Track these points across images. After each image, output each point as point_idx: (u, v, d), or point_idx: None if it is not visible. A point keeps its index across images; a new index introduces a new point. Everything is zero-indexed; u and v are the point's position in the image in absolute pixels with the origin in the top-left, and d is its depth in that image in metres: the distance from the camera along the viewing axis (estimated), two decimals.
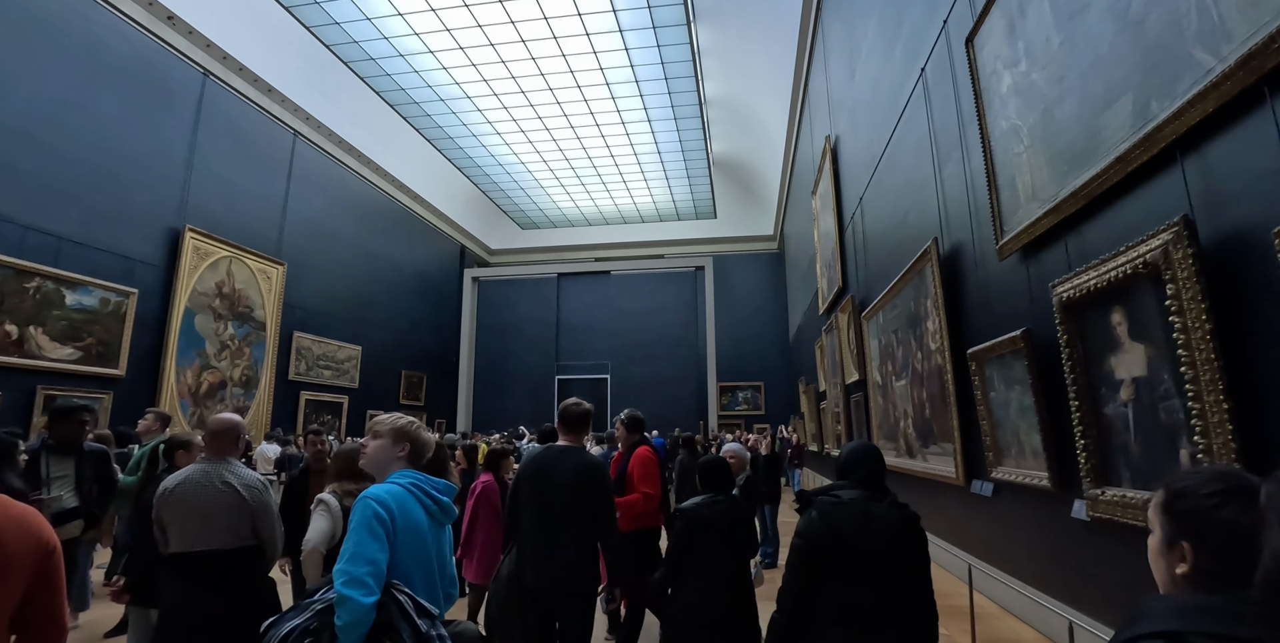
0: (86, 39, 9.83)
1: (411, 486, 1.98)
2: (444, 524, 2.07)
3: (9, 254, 8.61)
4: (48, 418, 3.91)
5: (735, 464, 4.65)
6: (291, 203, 14.24)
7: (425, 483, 2.01)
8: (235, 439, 2.71)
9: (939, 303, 4.86)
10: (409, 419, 2.13)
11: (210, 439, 2.71)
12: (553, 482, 2.87)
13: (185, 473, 2.62)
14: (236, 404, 12.63)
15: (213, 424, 2.73)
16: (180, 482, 2.59)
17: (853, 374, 8.86)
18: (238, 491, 2.57)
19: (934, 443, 5.33)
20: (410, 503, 1.94)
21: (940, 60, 4.91)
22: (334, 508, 2.59)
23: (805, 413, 15.04)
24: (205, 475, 2.59)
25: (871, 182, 7.36)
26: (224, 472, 2.60)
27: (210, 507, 2.54)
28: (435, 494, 2.02)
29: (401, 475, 2.00)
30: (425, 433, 2.13)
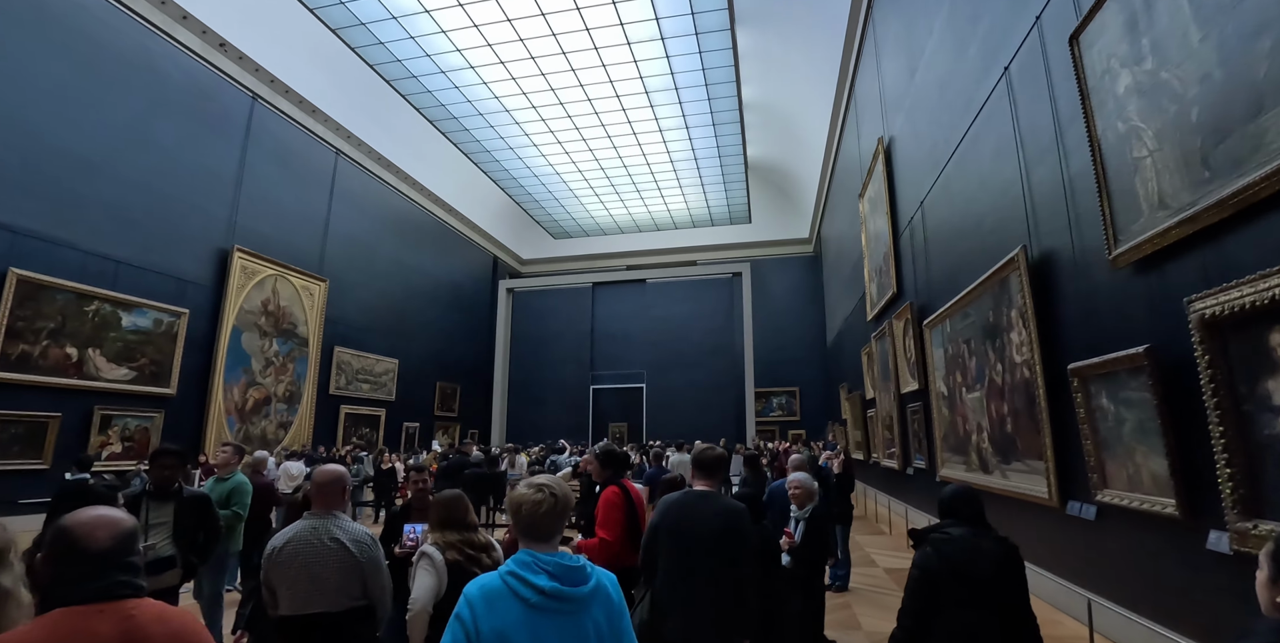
0: (147, 69, 10.07)
1: (509, 574, 1.58)
2: (569, 614, 1.58)
3: (72, 279, 8.77)
4: (148, 460, 3.78)
5: (800, 495, 4.24)
6: (333, 220, 14.38)
7: (529, 569, 1.58)
8: (342, 491, 2.55)
9: (1029, 314, 4.61)
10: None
11: (317, 492, 2.52)
12: (695, 528, 2.68)
13: (293, 530, 2.44)
14: (280, 419, 12.74)
15: (319, 477, 2.56)
16: (289, 540, 2.41)
17: (910, 383, 8.58)
18: (347, 547, 2.40)
19: (1017, 460, 5.06)
20: (503, 601, 1.54)
21: (1030, 59, 4.67)
22: (438, 562, 2.42)
23: (849, 420, 14.70)
24: (314, 532, 2.41)
25: (936, 185, 7.10)
26: (332, 527, 2.44)
27: (320, 566, 2.36)
28: (541, 582, 1.56)
29: (512, 559, 1.64)
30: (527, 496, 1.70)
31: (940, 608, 2.31)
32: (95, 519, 1.26)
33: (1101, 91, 3.71)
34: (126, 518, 1.31)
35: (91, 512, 1.28)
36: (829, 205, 18.11)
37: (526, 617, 1.53)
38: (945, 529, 2.47)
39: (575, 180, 18.56)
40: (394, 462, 11.63)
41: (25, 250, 8.33)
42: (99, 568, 1.23)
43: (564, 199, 20.03)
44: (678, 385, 20.30)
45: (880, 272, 10.33)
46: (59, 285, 8.65)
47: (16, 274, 8.13)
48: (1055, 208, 4.41)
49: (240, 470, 4.60)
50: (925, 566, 2.38)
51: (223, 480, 4.41)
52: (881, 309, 10.22)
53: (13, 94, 8.31)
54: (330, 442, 13.94)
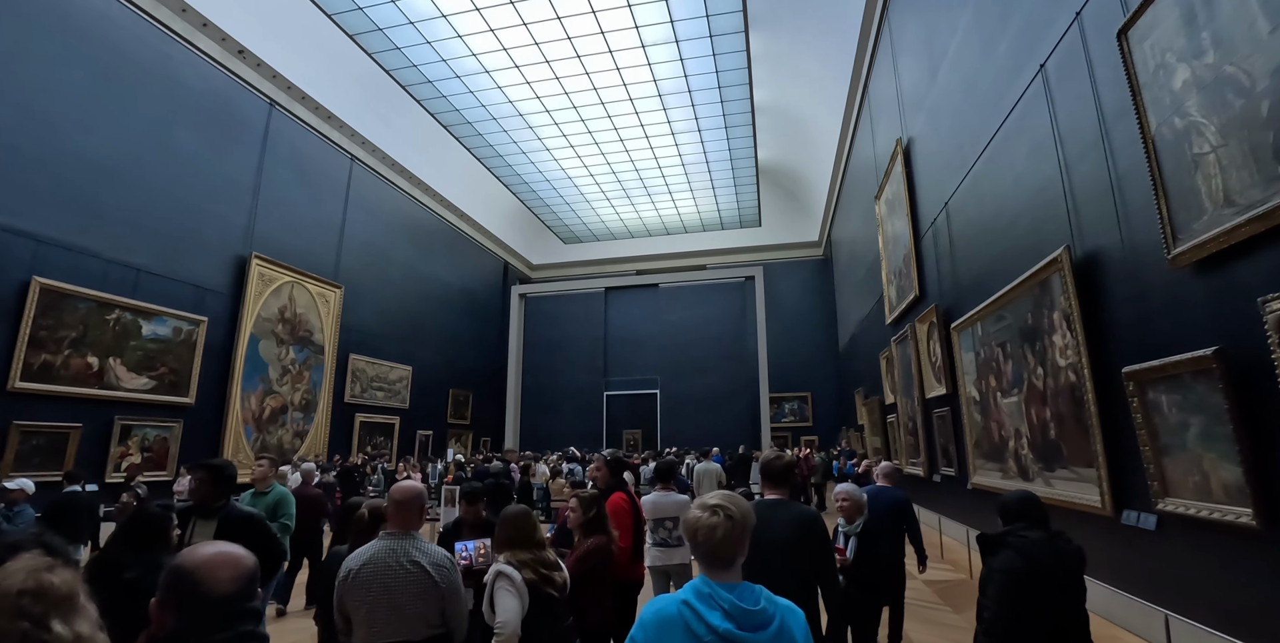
0: (167, 77, 10.10)
1: (684, 603, 1.49)
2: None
3: (93, 287, 8.76)
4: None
5: (849, 508, 4.01)
6: (348, 226, 14.38)
7: (705, 602, 1.47)
8: (420, 510, 2.38)
9: (1075, 316, 4.51)
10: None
11: (394, 511, 2.35)
12: (771, 537, 2.60)
13: (369, 552, 2.26)
14: (297, 428, 12.69)
15: (396, 494, 2.37)
16: (365, 563, 2.23)
17: (935, 388, 8.46)
18: (427, 571, 2.23)
19: (1062, 467, 4.94)
20: (674, 631, 1.46)
21: (1069, 55, 4.59)
22: (518, 582, 2.32)
23: (866, 426, 14.56)
24: (392, 554, 2.23)
25: (963, 185, 7.01)
26: (411, 549, 2.26)
27: (400, 591, 2.19)
28: (714, 620, 1.45)
29: (688, 587, 1.53)
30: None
31: (1028, 610, 2.34)
32: (216, 558, 1.13)
33: (1155, 87, 3.62)
34: (245, 554, 1.19)
35: (210, 549, 1.14)
36: (840, 208, 18.02)
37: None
38: (1020, 533, 2.51)
39: (587, 184, 18.54)
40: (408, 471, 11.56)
41: (48, 259, 8.33)
42: (223, 616, 1.11)
43: (575, 203, 20.01)
44: (692, 391, 20.18)
45: (900, 274, 10.22)
46: (81, 294, 8.63)
47: (40, 283, 8.11)
48: (1101, 207, 4.31)
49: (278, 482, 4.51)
50: (1011, 568, 2.39)
51: (262, 494, 4.33)
52: (902, 312, 10.11)
53: (39, 102, 8.33)
54: (345, 451, 13.89)
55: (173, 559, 1.12)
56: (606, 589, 2.91)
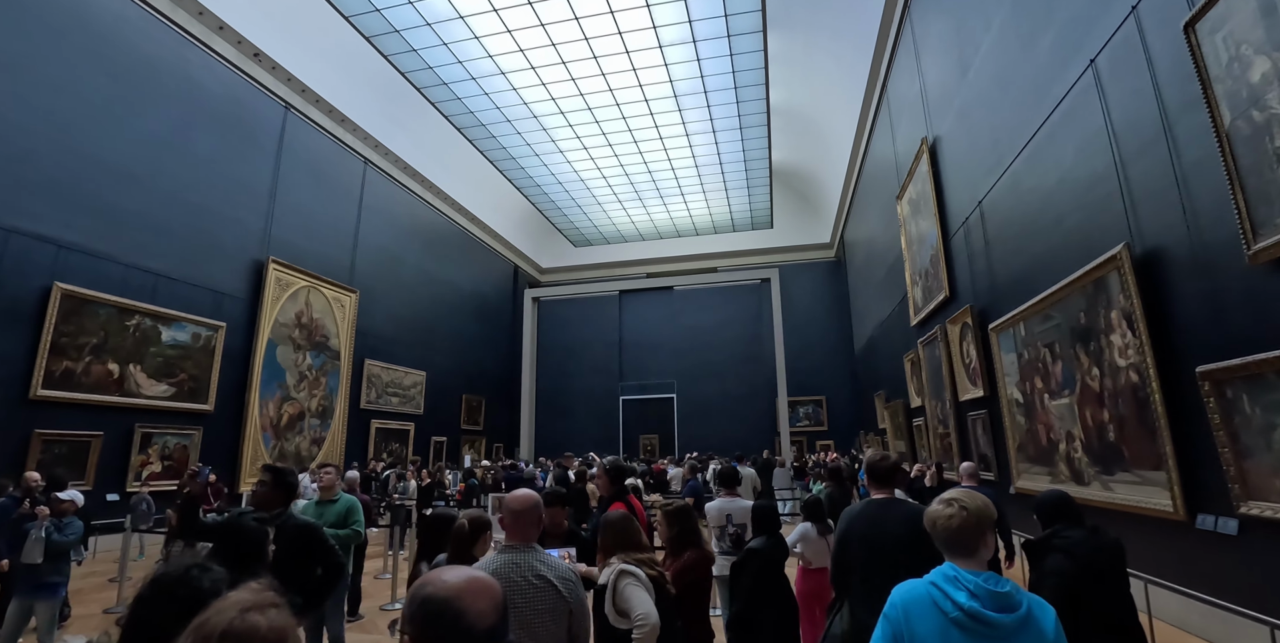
0: (185, 80, 10.05)
1: (932, 584, 1.62)
2: (992, 638, 1.53)
3: (113, 293, 8.68)
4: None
5: None
6: (362, 230, 14.31)
7: (951, 584, 1.57)
8: (539, 520, 2.21)
9: (1138, 315, 4.38)
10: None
11: (512, 521, 2.15)
12: (887, 537, 2.62)
13: (490, 567, 2.06)
14: (314, 435, 12.58)
15: (514, 503, 2.18)
16: (495, 577, 2.02)
17: (970, 390, 8.32)
18: (555, 586, 2.06)
19: (1124, 470, 4.80)
20: (923, 608, 1.58)
21: (1124, 49, 4.47)
22: (643, 578, 2.20)
23: (889, 430, 14.39)
24: (516, 569, 2.06)
25: (999, 184, 6.89)
26: (535, 563, 2.10)
27: (529, 610, 2.01)
28: (960, 598, 1.54)
29: (936, 570, 1.66)
30: None
31: (1080, 608, 2.36)
32: (472, 585, 0.95)
33: (1228, 80, 3.51)
34: (492, 579, 1.03)
35: (458, 574, 0.97)
36: (854, 209, 17.89)
37: (945, 632, 1.55)
38: (1063, 534, 2.55)
39: (599, 186, 18.45)
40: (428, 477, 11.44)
41: (69, 264, 8.25)
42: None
43: (586, 205, 19.91)
44: (709, 395, 20.02)
45: (927, 275, 10.09)
46: (102, 300, 8.55)
47: (61, 289, 8.03)
48: (1163, 202, 4.19)
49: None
50: (1061, 571, 2.42)
51: (328, 502, 4.19)
52: (930, 314, 9.97)
53: (58, 104, 8.27)
54: (362, 457, 13.77)
55: (418, 588, 0.95)
56: (706, 604, 2.81)
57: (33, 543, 4.13)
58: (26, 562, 4.13)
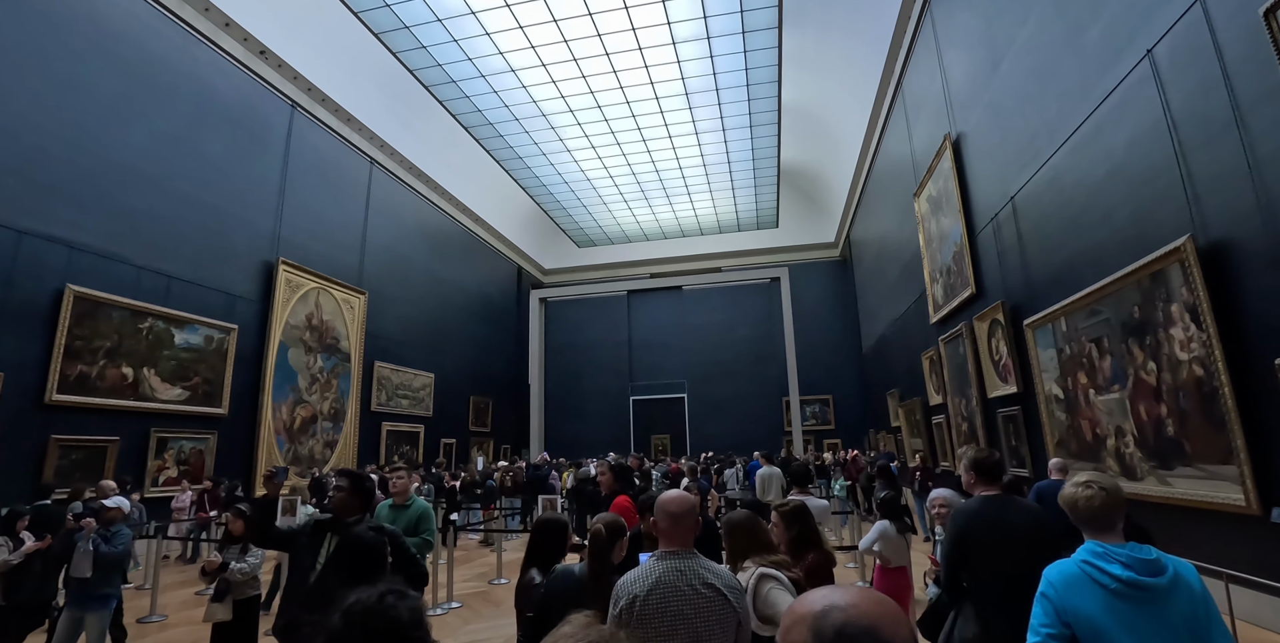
0: (193, 78, 9.88)
1: (1083, 562, 1.76)
2: (1150, 602, 1.67)
3: (126, 295, 8.49)
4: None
5: (949, 514, 3.51)
6: (370, 231, 14.14)
7: (1103, 559, 1.73)
8: (697, 524, 2.04)
9: (1204, 307, 4.31)
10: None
11: (670, 525, 1.97)
12: (1013, 537, 2.54)
13: (652, 575, 1.90)
14: (327, 438, 12.40)
15: (670, 505, 1.99)
16: (653, 587, 1.86)
17: (1001, 386, 8.27)
18: (724, 595, 1.88)
19: (1185, 464, 4.73)
20: (1081, 584, 1.73)
21: (1185, 39, 4.41)
22: (785, 581, 2.09)
23: (904, 428, 14.35)
24: (682, 577, 1.89)
25: (1035, 179, 6.83)
26: (699, 569, 1.92)
27: (699, 620, 1.83)
28: (1113, 572, 1.69)
29: (1082, 549, 1.80)
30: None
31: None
32: (884, 609, 0.78)
33: None
34: (892, 600, 0.84)
35: (864, 596, 0.80)
36: (862, 208, 17.87)
37: (1108, 602, 1.69)
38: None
39: (605, 186, 18.33)
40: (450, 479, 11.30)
41: (81, 266, 8.06)
42: None
43: (591, 205, 19.78)
44: (720, 395, 19.93)
45: (949, 272, 10.04)
46: (115, 302, 8.36)
47: (74, 291, 7.84)
48: (1234, 194, 4.13)
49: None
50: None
51: (401, 507, 4.03)
52: (953, 311, 9.91)
53: (67, 101, 8.09)
54: (374, 460, 13.59)
55: (822, 614, 0.80)
56: None
57: (81, 556, 3.98)
58: (76, 576, 3.98)
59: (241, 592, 3.92)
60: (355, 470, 2.90)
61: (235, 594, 3.89)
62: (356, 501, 2.80)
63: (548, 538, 2.51)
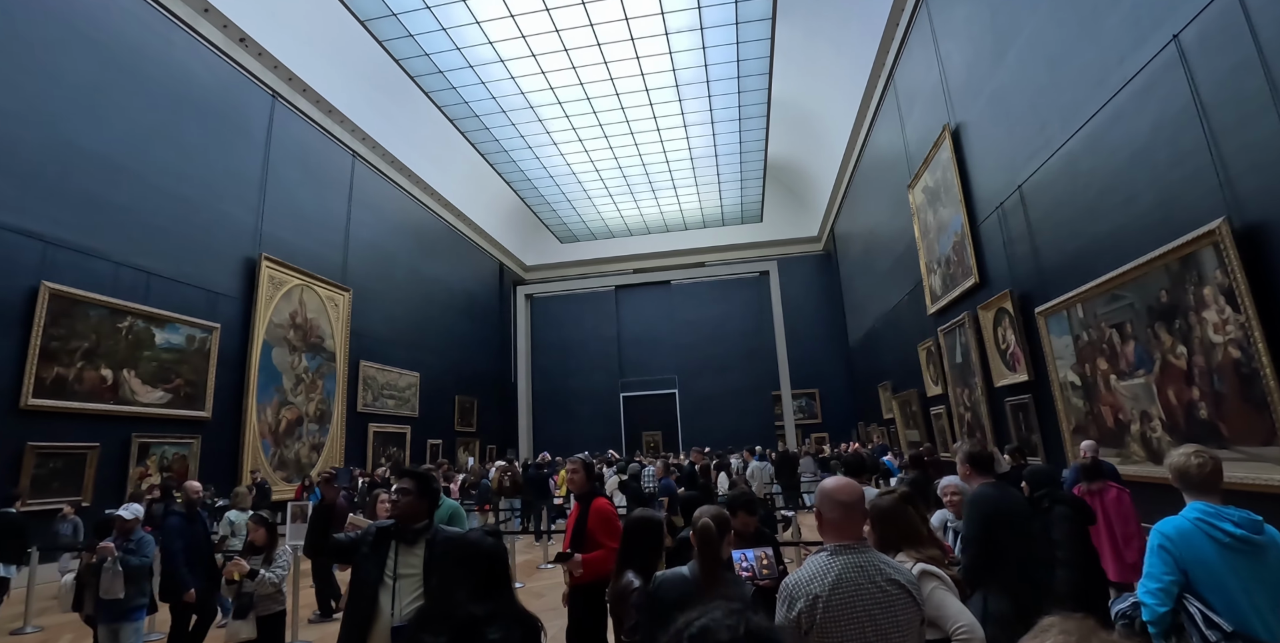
0: (170, 65, 9.43)
1: (1196, 520, 2.14)
2: (1253, 555, 2.07)
3: (104, 293, 8.04)
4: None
5: (960, 502, 3.69)
6: (353, 227, 13.72)
7: (1215, 518, 2.11)
8: (865, 514, 1.91)
9: (1242, 289, 4.30)
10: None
11: (843, 516, 1.80)
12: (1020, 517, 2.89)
13: (832, 571, 1.72)
14: (313, 441, 11.99)
15: (841, 494, 1.81)
16: (834, 585, 1.69)
17: (1007, 375, 8.30)
18: (909, 592, 1.74)
19: (1221, 446, 4.71)
20: (1197, 539, 2.10)
21: (1216, 22, 4.39)
22: (947, 580, 1.94)
23: (897, 420, 14.42)
24: (864, 573, 1.72)
25: (1046, 166, 6.83)
26: (879, 564, 1.76)
27: (887, 620, 1.67)
28: (1226, 527, 2.09)
29: (1192, 508, 2.17)
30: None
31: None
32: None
33: None
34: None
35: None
36: (848, 201, 17.92)
37: (1220, 554, 2.07)
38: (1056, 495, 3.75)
39: (591, 180, 18.09)
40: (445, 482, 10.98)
41: (57, 262, 7.61)
42: None
43: (576, 199, 19.51)
44: (711, 390, 19.85)
45: (948, 262, 10.07)
46: (93, 300, 7.92)
47: (50, 288, 7.39)
48: (1270, 177, 4.12)
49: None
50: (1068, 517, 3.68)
51: None
52: (952, 301, 9.94)
53: (42, 89, 7.64)
54: (361, 463, 13.21)
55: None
56: None
57: (112, 578, 3.69)
58: (109, 598, 3.70)
59: (266, 607, 3.65)
60: (419, 469, 2.64)
61: (259, 610, 3.61)
62: (424, 504, 2.52)
63: (644, 537, 2.32)
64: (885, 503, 2.21)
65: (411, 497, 2.50)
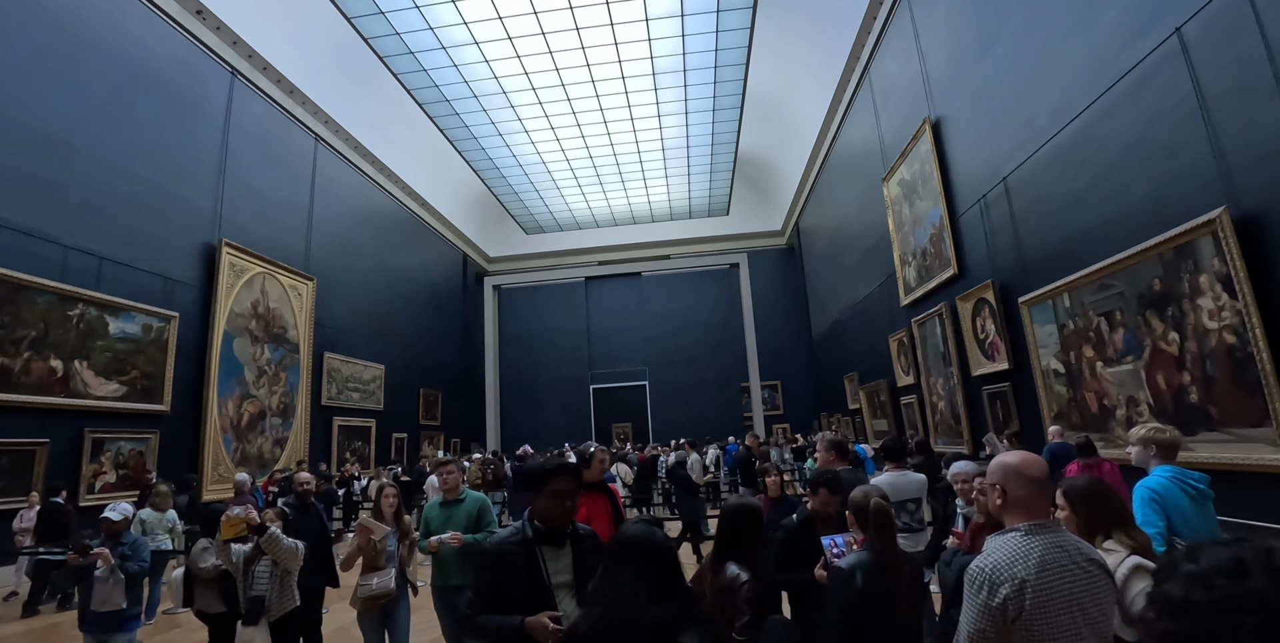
0: (120, 34, 8.78)
1: (1171, 478, 2.80)
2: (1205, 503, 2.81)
3: (52, 278, 7.46)
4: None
5: (968, 490, 3.55)
6: (316, 213, 13.12)
7: (1183, 476, 2.81)
8: (1053, 491, 1.81)
9: (1240, 276, 4.47)
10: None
11: (1034, 492, 1.67)
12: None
13: (1034, 552, 1.59)
14: (276, 435, 11.46)
15: (1030, 468, 1.70)
16: (1040, 566, 1.56)
17: (984, 364, 8.52)
18: (1107, 572, 1.64)
19: (1209, 429, 4.93)
20: (1174, 491, 2.75)
21: (1224, 15, 4.53)
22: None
23: (864, 410, 14.70)
24: (1065, 553, 1.60)
25: (1033, 160, 6.99)
26: (1077, 543, 1.65)
27: (1094, 605, 1.55)
28: (1192, 482, 2.78)
29: (1165, 470, 2.85)
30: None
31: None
32: None
33: None
34: None
35: None
36: (815, 195, 18.13)
37: (1189, 503, 2.73)
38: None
39: (560, 169, 17.80)
40: None
41: (0, 244, 6.98)
42: None
43: (544, 189, 19.18)
44: (681, 382, 19.84)
45: (926, 254, 10.26)
46: (40, 285, 7.32)
47: None
48: (1272, 168, 4.28)
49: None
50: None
51: (453, 503, 3.58)
52: (928, 293, 10.15)
53: None
54: (325, 458, 12.71)
55: None
56: None
57: (110, 588, 3.35)
58: (106, 610, 3.36)
59: (280, 608, 3.37)
60: (572, 463, 2.29)
61: (274, 611, 3.34)
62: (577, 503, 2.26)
63: (745, 526, 2.19)
64: (1080, 482, 2.11)
65: (575, 496, 2.15)
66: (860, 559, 2.01)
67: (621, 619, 1.44)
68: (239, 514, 3.30)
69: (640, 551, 1.52)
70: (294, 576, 3.47)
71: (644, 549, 1.52)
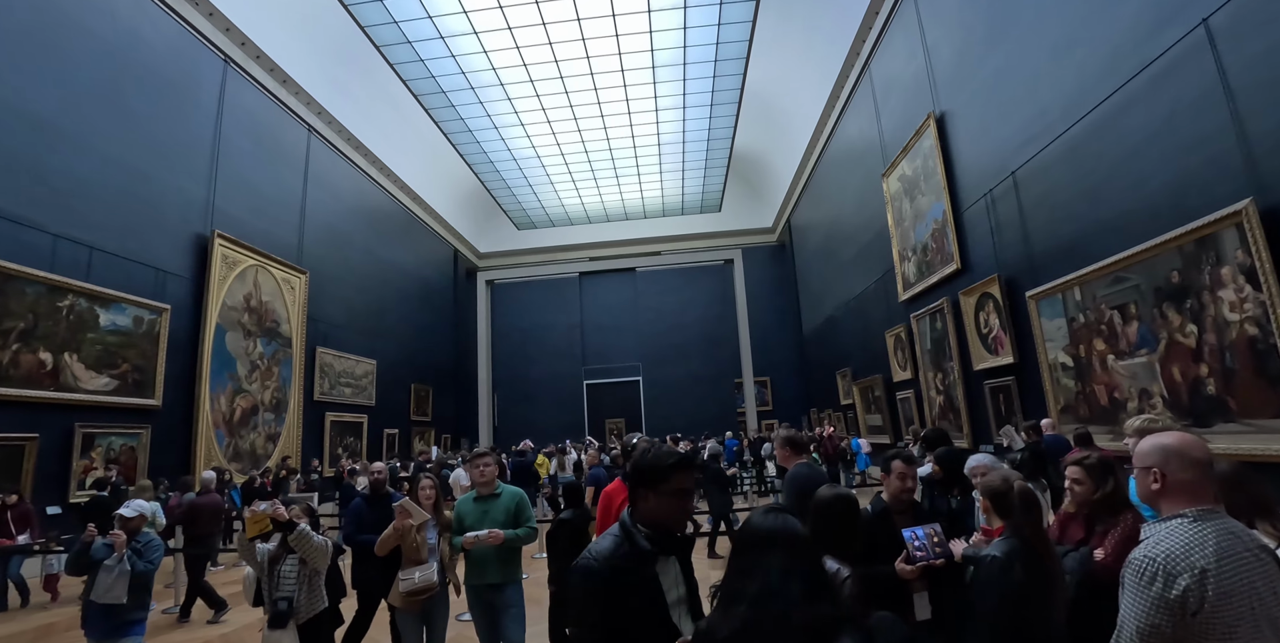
0: (112, 18, 8.49)
1: None
2: None
3: (41, 268, 7.20)
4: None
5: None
6: (309, 206, 12.86)
7: None
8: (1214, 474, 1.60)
9: (1266, 268, 4.49)
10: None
11: (1199, 475, 1.56)
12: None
13: (1209, 539, 1.47)
14: (269, 431, 11.22)
15: (1195, 449, 1.59)
16: (1218, 553, 1.45)
17: (988, 358, 8.55)
18: (1277, 559, 1.52)
19: (1227, 420, 4.96)
20: None
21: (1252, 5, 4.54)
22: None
23: (857, 405, 14.75)
24: (1237, 540, 1.48)
25: (1043, 154, 7.01)
26: (1249, 531, 1.55)
27: (1273, 599, 1.44)
28: None
29: None
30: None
31: None
32: None
33: None
34: None
35: None
36: (809, 192, 18.14)
37: None
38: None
39: (555, 163, 17.62)
40: None
41: None
42: None
43: (538, 184, 18.98)
44: (674, 377, 19.79)
45: (927, 249, 10.28)
46: (29, 276, 7.06)
47: None
48: None
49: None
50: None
51: (488, 497, 3.45)
52: (929, 287, 10.17)
53: None
54: (318, 453, 12.48)
55: None
56: None
57: (115, 579, 3.18)
58: (106, 602, 3.19)
59: (309, 609, 3.23)
60: (688, 454, 2.02)
61: (302, 613, 3.19)
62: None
63: (838, 518, 2.09)
64: (1226, 468, 2.01)
65: (693, 496, 1.88)
66: (1012, 547, 1.91)
67: (772, 620, 1.30)
68: (264, 510, 3.16)
69: (785, 542, 1.38)
70: (322, 575, 3.33)
71: (788, 540, 1.38)
